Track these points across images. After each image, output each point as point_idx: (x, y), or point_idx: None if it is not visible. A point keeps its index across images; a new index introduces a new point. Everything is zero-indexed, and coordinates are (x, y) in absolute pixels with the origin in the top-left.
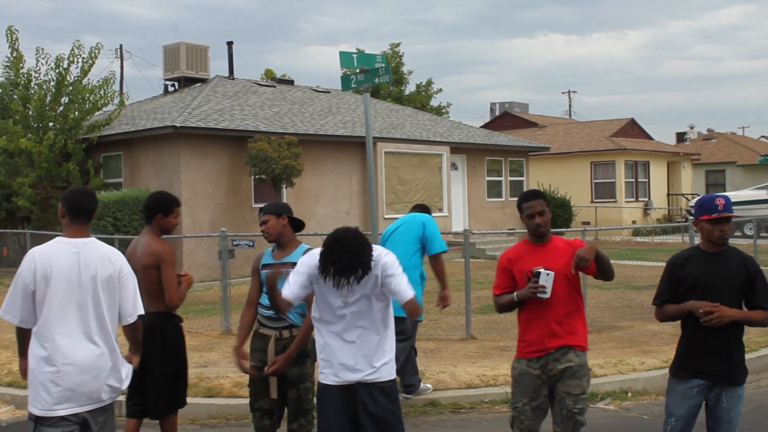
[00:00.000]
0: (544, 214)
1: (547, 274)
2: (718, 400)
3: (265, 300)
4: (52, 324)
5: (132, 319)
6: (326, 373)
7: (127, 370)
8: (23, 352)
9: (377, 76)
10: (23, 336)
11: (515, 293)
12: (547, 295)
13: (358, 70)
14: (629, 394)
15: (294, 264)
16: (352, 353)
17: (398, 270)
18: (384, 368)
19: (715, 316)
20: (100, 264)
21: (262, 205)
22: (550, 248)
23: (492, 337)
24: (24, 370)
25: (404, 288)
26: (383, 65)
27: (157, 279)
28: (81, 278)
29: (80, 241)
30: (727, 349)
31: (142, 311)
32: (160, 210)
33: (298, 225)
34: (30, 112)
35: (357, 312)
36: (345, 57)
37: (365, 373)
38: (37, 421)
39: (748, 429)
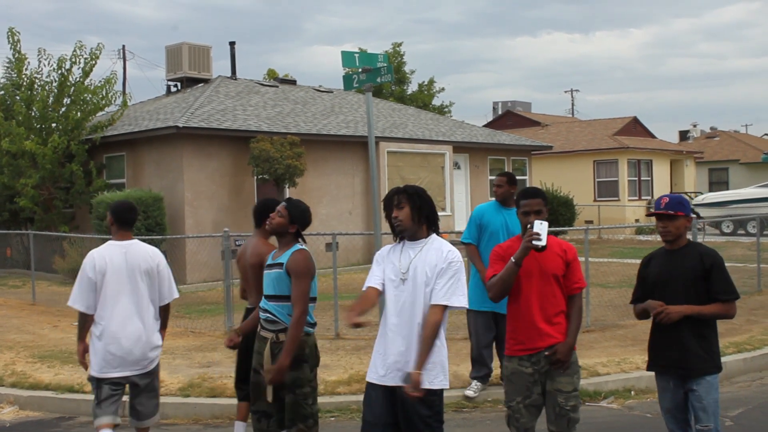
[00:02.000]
0: (540, 213)
1: (541, 223)
2: (691, 390)
3: (262, 302)
4: (107, 307)
5: (168, 301)
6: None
7: (159, 341)
8: (82, 337)
9: (379, 76)
10: (84, 322)
11: (512, 257)
12: (542, 243)
13: (360, 70)
14: (632, 392)
15: (280, 264)
16: None
17: None
18: None
19: (662, 315)
20: (142, 260)
21: (287, 198)
22: None
23: None
24: (81, 353)
25: None
26: (385, 65)
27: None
28: (128, 271)
29: (126, 242)
30: (686, 342)
31: (176, 295)
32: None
33: (300, 237)
34: (33, 113)
35: None
36: (347, 56)
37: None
38: (98, 381)
39: (752, 427)
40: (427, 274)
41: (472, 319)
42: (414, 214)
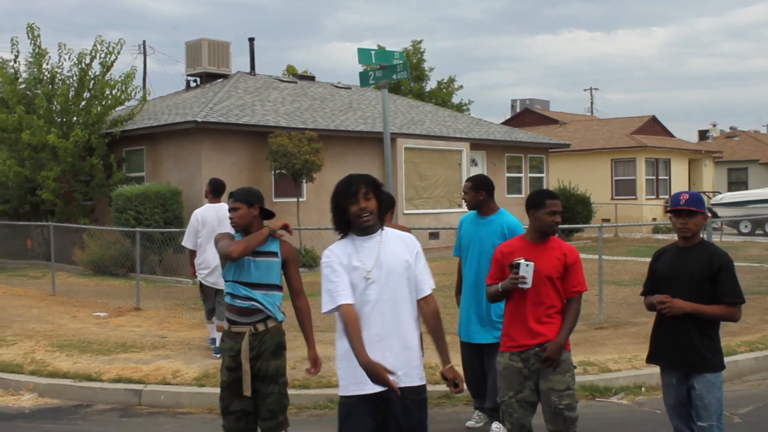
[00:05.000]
0: (560, 214)
1: (527, 265)
2: (693, 387)
3: (241, 290)
4: (203, 245)
5: None
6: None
7: None
8: (191, 264)
9: (395, 73)
10: (191, 256)
11: (499, 284)
12: (528, 285)
13: (377, 67)
14: (643, 389)
15: (273, 253)
16: None
17: None
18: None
19: (665, 307)
20: (223, 214)
21: (232, 192)
22: (545, 247)
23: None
24: (192, 273)
25: None
26: (401, 62)
27: None
28: (218, 221)
29: (216, 204)
30: (688, 339)
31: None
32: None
33: (268, 215)
34: (54, 107)
35: None
36: (363, 53)
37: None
38: (201, 285)
39: (761, 425)
40: (403, 266)
41: (464, 350)
42: (379, 206)
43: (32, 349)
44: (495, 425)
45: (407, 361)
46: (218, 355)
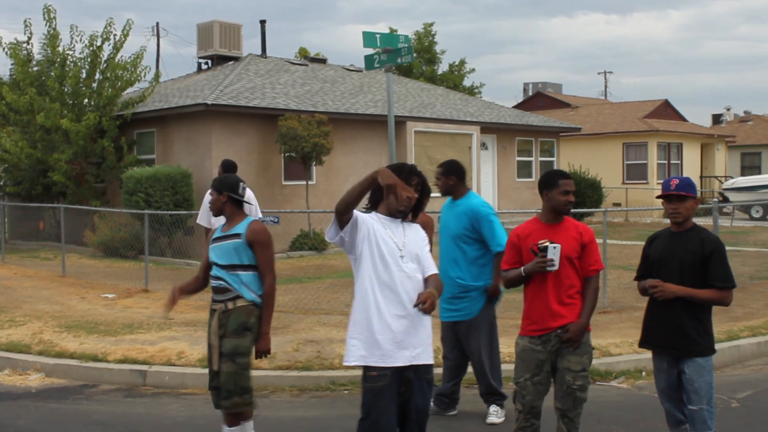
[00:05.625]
0: (573, 194)
1: (554, 247)
2: (683, 371)
3: (214, 271)
4: (216, 222)
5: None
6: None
7: None
8: (207, 241)
9: (400, 56)
10: (207, 232)
11: (522, 267)
12: (555, 267)
13: (381, 50)
14: (643, 373)
15: (236, 235)
16: None
17: None
18: None
19: (657, 291)
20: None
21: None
22: (561, 228)
23: (511, 315)
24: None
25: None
26: (406, 45)
27: None
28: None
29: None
30: (678, 323)
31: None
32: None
33: (238, 203)
34: (66, 89)
35: None
36: (368, 37)
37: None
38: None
39: (759, 409)
40: (420, 250)
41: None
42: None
43: (40, 329)
44: (492, 408)
45: (425, 338)
46: None
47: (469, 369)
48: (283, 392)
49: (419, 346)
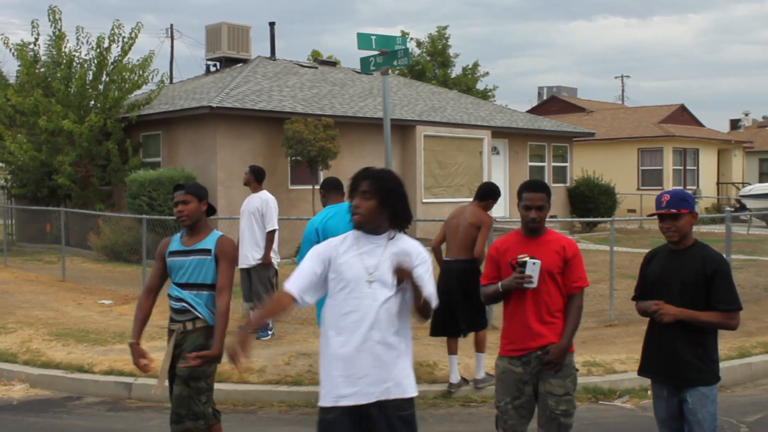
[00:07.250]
0: (542, 209)
1: (533, 263)
2: (685, 401)
3: (174, 291)
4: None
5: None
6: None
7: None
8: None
9: (396, 59)
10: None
11: (499, 283)
12: (534, 285)
13: (377, 52)
14: (649, 392)
15: (205, 251)
16: None
17: None
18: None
19: (658, 313)
20: (257, 203)
21: (181, 184)
22: (542, 241)
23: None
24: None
25: None
26: (403, 47)
27: (474, 236)
28: (247, 210)
29: (256, 194)
30: (679, 349)
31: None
32: (495, 196)
33: (212, 211)
34: (71, 91)
35: None
36: (363, 39)
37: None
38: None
39: None
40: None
41: None
42: (382, 210)
43: (30, 337)
44: None
45: (397, 371)
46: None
47: None
48: (272, 408)
49: (388, 380)
